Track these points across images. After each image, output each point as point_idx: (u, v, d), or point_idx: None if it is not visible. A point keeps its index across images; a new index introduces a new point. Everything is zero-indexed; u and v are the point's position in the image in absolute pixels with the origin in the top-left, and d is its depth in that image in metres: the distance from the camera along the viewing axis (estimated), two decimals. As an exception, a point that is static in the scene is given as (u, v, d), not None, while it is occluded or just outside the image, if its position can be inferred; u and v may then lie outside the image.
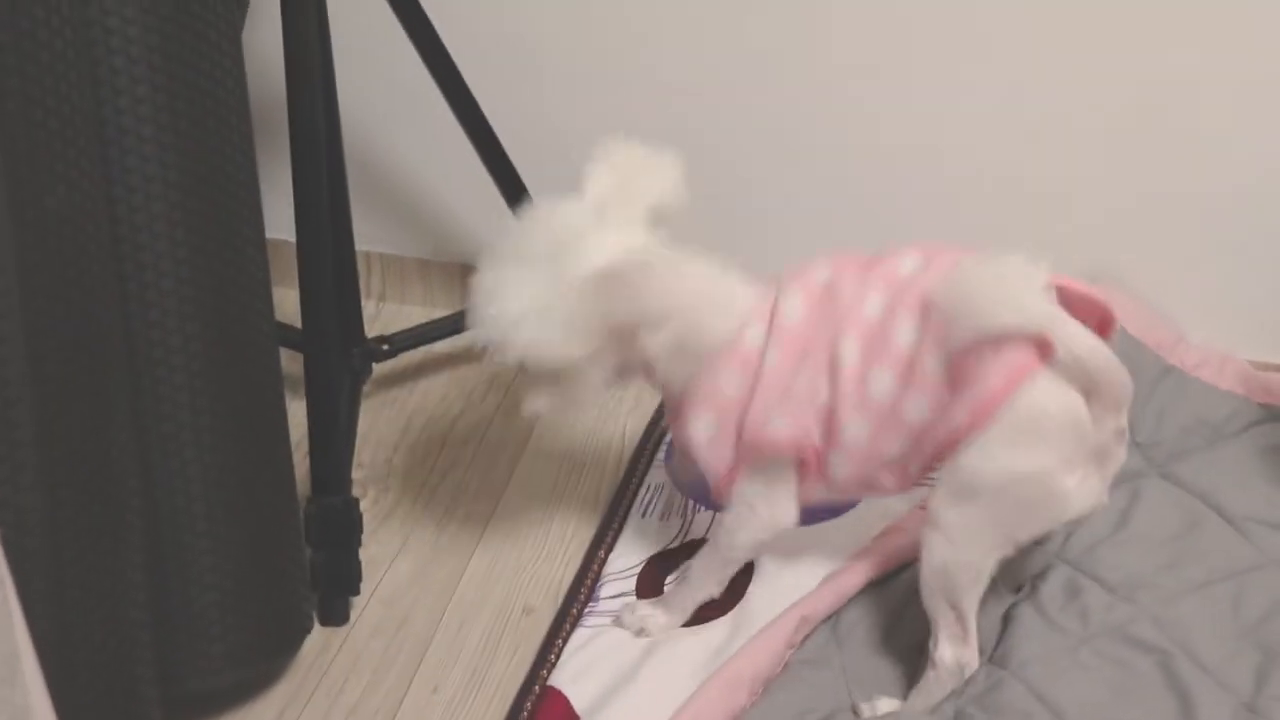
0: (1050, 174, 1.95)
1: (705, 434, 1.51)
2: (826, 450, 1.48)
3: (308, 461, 1.71)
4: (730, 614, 1.68)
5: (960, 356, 1.39)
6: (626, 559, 1.78)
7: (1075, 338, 1.36)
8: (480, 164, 1.90)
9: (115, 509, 1.37)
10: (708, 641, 1.64)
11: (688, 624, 1.67)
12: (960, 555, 1.45)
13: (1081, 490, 1.42)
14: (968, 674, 1.53)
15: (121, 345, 1.40)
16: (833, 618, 1.67)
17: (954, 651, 1.51)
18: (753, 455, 1.50)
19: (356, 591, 1.73)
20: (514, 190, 1.93)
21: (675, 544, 1.79)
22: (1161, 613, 1.63)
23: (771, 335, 1.47)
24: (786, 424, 1.47)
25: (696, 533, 1.79)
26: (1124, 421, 1.42)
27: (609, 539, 1.81)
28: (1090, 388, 1.38)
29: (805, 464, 1.50)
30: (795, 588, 1.68)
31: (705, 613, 1.68)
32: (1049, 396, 1.37)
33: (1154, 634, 1.61)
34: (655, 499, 1.85)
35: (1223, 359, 1.96)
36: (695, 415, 1.51)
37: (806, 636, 1.64)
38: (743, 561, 1.65)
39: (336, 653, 1.70)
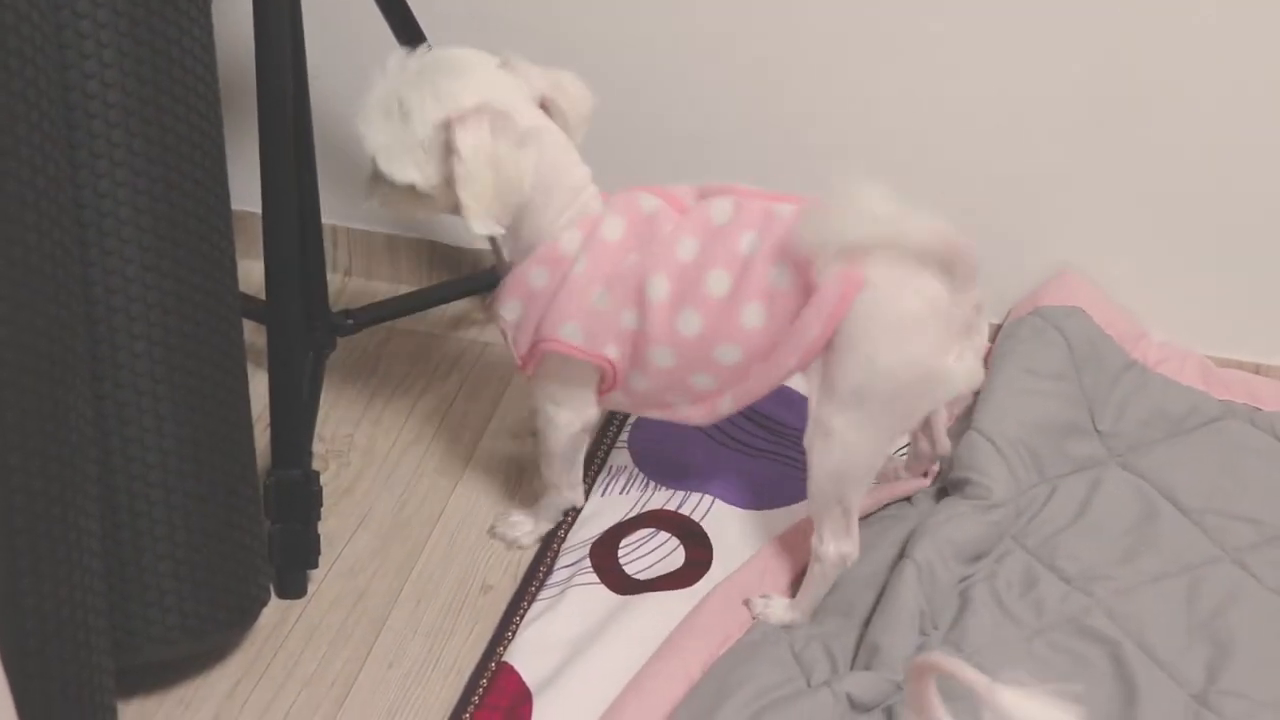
0: (1017, 170, 1.95)
1: (512, 317, 1.61)
2: (629, 369, 1.59)
3: (269, 434, 1.71)
4: (689, 589, 1.69)
5: (786, 298, 1.49)
6: (584, 533, 1.78)
7: (921, 229, 1.43)
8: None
9: (70, 476, 1.36)
10: (661, 617, 1.64)
11: (646, 591, 1.68)
12: (857, 458, 1.52)
13: (960, 367, 1.49)
14: (849, 564, 1.59)
15: (81, 312, 1.39)
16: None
17: (837, 546, 1.58)
18: (545, 355, 1.60)
19: (315, 565, 1.73)
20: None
21: (632, 515, 1.80)
22: (1116, 605, 1.64)
23: (587, 247, 1.56)
24: (579, 333, 1.57)
25: (654, 505, 1.80)
26: (978, 295, 1.48)
27: (569, 517, 1.81)
28: (944, 268, 1.45)
29: (604, 374, 1.60)
30: (753, 572, 1.69)
31: (664, 584, 1.69)
32: (909, 290, 1.45)
33: (1108, 626, 1.62)
34: (615, 480, 1.85)
35: (1184, 355, 1.98)
36: (506, 299, 1.61)
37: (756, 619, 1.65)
38: (573, 456, 1.73)
39: (293, 625, 1.70)
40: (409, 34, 1.79)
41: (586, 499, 1.82)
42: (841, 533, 1.57)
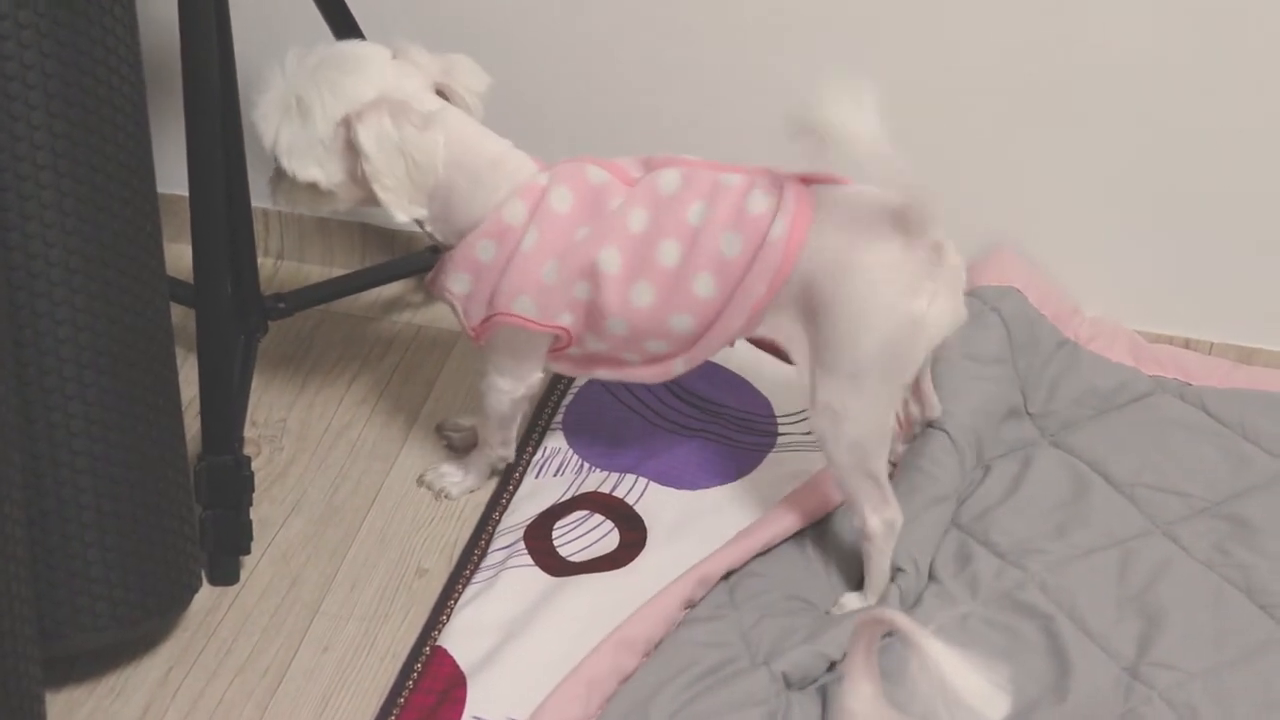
0: (948, 144, 1.96)
1: (460, 290, 1.63)
2: (584, 331, 1.62)
3: (200, 420, 1.69)
4: (620, 570, 1.69)
5: (736, 265, 1.53)
6: (518, 515, 1.77)
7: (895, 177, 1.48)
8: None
9: (-6, 463, 1.35)
10: (595, 598, 1.64)
11: (579, 573, 1.68)
12: (870, 426, 1.54)
13: (935, 309, 1.51)
14: (897, 529, 1.60)
15: (4, 298, 1.37)
16: (730, 578, 1.67)
17: (880, 517, 1.58)
18: (499, 327, 1.61)
19: (247, 551, 1.71)
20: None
21: (566, 497, 1.79)
22: (1049, 579, 1.66)
23: (536, 219, 1.57)
24: (533, 306, 1.59)
25: (589, 488, 1.80)
26: (935, 235, 1.51)
27: (504, 500, 1.81)
28: (896, 219, 1.50)
29: (558, 339, 1.63)
30: (687, 553, 1.68)
31: (598, 565, 1.69)
32: (859, 245, 1.50)
33: (1041, 600, 1.63)
34: (550, 462, 1.85)
35: (1114, 331, 1.99)
36: (453, 271, 1.62)
37: (702, 598, 1.64)
38: (511, 420, 1.74)
39: (226, 612, 1.68)
40: (335, 12, 1.78)
41: (523, 480, 1.82)
42: (880, 502, 1.58)
